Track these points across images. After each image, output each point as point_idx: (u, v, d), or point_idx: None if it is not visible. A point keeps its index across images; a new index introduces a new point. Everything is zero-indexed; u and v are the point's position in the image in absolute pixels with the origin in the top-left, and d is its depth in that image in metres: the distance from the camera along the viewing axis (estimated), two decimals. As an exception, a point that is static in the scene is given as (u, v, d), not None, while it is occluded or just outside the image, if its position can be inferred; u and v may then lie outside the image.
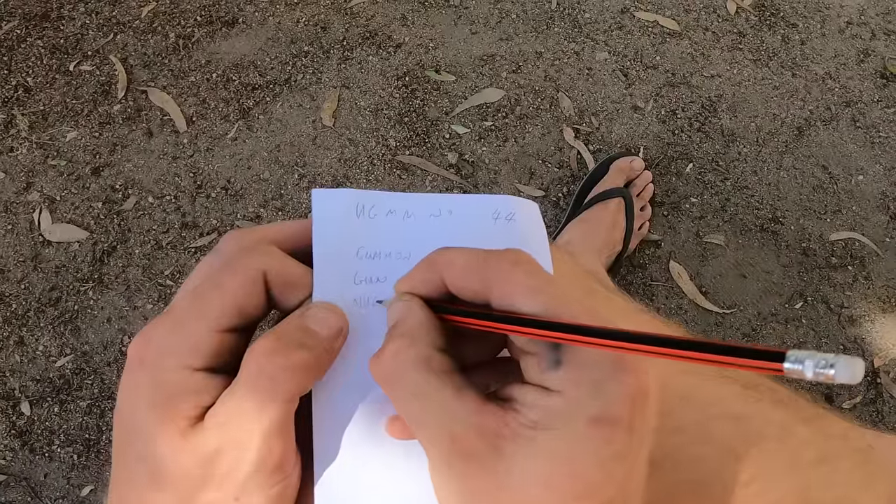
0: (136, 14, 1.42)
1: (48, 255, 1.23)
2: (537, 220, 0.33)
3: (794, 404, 0.37)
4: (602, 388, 0.23)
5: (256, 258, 0.28)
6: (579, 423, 0.23)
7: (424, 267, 0.28)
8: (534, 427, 0.23)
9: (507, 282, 0.25)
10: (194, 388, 0.25)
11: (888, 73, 1.34)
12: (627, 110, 1.31)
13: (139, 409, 0.25)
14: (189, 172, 1.27)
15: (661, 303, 1.18)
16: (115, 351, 1.16)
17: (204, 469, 0.24)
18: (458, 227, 0.32)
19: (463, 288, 0.27)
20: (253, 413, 0.24)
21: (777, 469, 0.33)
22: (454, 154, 1.27)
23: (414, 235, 0.31)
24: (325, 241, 0.30)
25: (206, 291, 0.27)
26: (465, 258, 0.27)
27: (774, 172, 1.26)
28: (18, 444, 1.12)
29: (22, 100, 1.35)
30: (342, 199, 0.31)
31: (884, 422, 1.12)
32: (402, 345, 0.26)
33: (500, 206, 0.32)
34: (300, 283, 0.28)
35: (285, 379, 0.25)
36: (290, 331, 0.26)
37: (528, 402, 0.24)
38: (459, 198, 0.32)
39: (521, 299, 0.25)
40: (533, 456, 0.23)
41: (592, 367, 0.23)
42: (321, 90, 1.33)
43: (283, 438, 0.25)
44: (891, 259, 1.20)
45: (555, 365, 0.24)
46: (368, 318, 0.29)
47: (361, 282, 0.30)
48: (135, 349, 0.26)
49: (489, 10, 1.40)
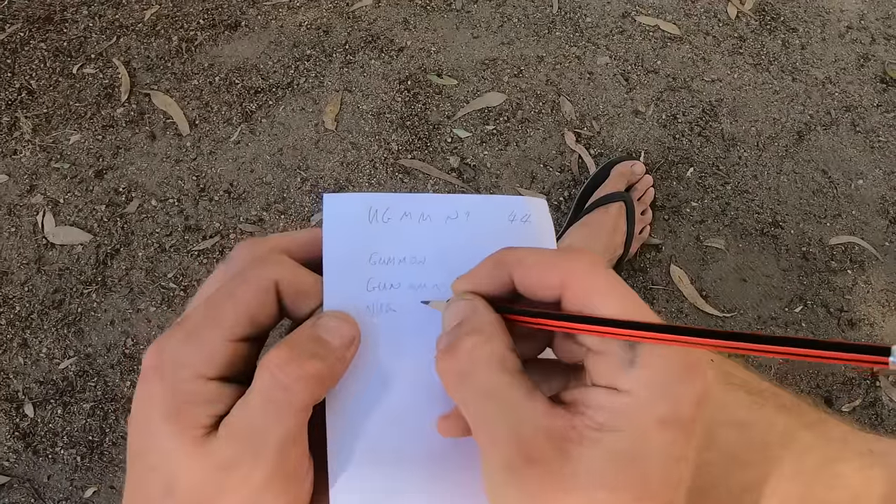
0: (139, 17, 1.43)
1: (51, 257, 1.23)
2: (547, 220, 0.33)
3: (798, 409, 0.37)
4: (672, 389, 0.23)
5: (268, 268, 0.28)
6: (647, 424, 0.23)
7: (491, 265, 0.28)
8: (600, 429, 0.23)
9: (586, 280, 0.25)
10: (208, 397, 0.25)
11: (888, 78, 1.34)
12: (628, 114, 1.31)
13: (153, 419, 0.25)
14: (192, 175, 1.28)
15: (662, 306, 1.19)
16: (118, 353, 1.17)
17: (218, 478, 0.25)
18: (476, 229, 0.31)
19: (535, 286, 0.27)
20: (267, 423, 0.25)
21: (780, 475, 0.33)
22: (456, 158, 1.27)
23: (429, 239, 0.30)
24: (337, 247, 0.30)
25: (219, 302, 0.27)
26: (538, 256, 0.27)
27: (774, 177, 1.27)
28: (22, 446, 1.12)
29: (25, 102, 1.35)
30: (354, 203, 0.30)
31: (883, 425, 1.13)
32: (479, 341, 0.26)
33: (515, 208, 0.32)
34: (312, 293, 0.29)
35: (299, 389, 0.25)
36: (303, 341, 0.27)
37: (595, 403, 0.24)
38: (476, 199, 0.32)
39: (599, 298, 0.25)
40: (599, 458, 0.23)
41: (665, 369, 0.24)
42: (324, 94, 1.34)
43: (296, 448, 0.26)
44: (890, 263, 1.21)
45: (628, 364, 0.24)
46: (381, 325, 0.29)
47: (374, 288, 0.30)
48: (149, 360, 0.26)
49: (491, 14, 1.41)
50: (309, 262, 0.30)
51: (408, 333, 0.29)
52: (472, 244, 0.29)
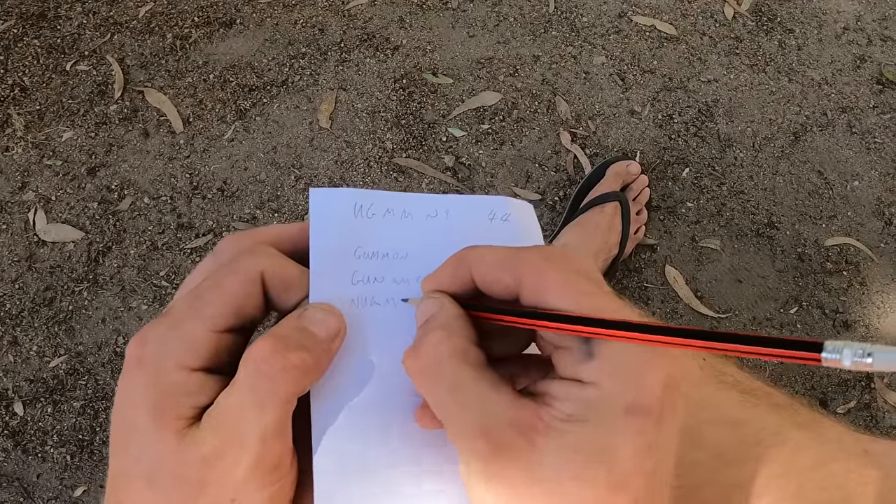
0: (133, 14, 1.42)
1: (43, 255, 1.22)
2: (532, 222, 0.33)
3: (791, 409, 0.37)
4: (634, 378, 0.23)
5: (254, 259, 0.28)
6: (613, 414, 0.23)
7: (453, 263, 0.28)
8: (567, 420, 0.23)
9: (539, 277, 0.25)
10: (191, 388, 0.25)
11: (884, 79, 1.34)
12: (624, 114, 1.31)
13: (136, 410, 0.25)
14: (185, 173, 1.27)
15: (657, 307, 1.18)
16: (109, 352, 1.16)
17: (200, 470, 0.24)
18: (455, 227, 0.32)
19: (493, 283, 0.27)
20: (251, 414, 0.24)
21: (772, 474, 0.33)
22: (451, 157, 1.27)
23: (411, 235, 0.31)
24: (323, 240, 0.30)
25: (205, 292, 0.27)
26: (496, 254, 0.27)
27: (770, 177, 1.27)
28: (11, 445, 1.11)
29: (18, 99, 1.34)
30: (340, 198, 0.31)
31: (878, 426, 1.12)
32: (441, 337, 0.26)
33: (495, 207, 0.32)
34: (297, 284, 0.29)
35: (284, 380, 0.25)
36: (289, 332, 0.26)
37: (562, 395, 0.24)
38: (456, 198, 0.32)
39: (552, 294, 0.25)
40: (566, 448, 0.23)
41: (625, 358, 0.24)
42: (318, 92, 1.33)
43: (280, 439, 0.25)
44: (885, 265, 1.21)
45: (587, 357, 0.24)
46: (366, 318, 0.29)
47: (359, 282, 0.30)
48: (132, 349, 0.26)
49: (487, 13, 1.40)
50: (295, 255, 0.30)
51: (391, 326, 0.30)
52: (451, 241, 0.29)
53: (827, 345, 0.18)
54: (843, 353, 0.18)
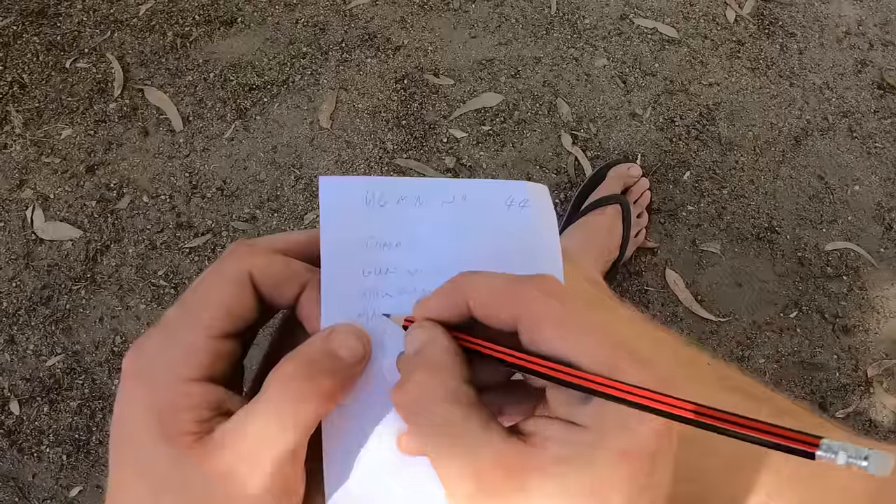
0: (133, 12, 1.41)
1: (40, 253, 1.21)
2: (548, 207, 0.32)
3: (795, 414, 0.36)
4: (630, 424, 0.23)
5: (241, 260, 0.27)
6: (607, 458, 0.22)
7: (447, 291, 0.27)
8: (559, 463, 0.23)
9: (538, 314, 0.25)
10: (191, 401, 0.25)
11: (885, 84, 1.34)
12: (625, 117, 1.31)
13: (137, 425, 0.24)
14: (185, 172, 1.27)
15: (657, 310, 1.18)
16: (106, 351, 1.15)
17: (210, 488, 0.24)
18: (472, 213, 0.31)
19: (490, 316, 0.26)
20: (272, 437, 0.24)
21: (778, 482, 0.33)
22: (451, 158, 1.26)
23: (425, 223, 0.30)
24: (333, 230, 0.29)
25: (194, 299, 0.27)
26: (492, 283, 0.26)
27: (771, 181, 1.26)
28: (7, 444, 1.11)
29: (17, 96, 1.34)
30: (350, 186, 0.30)
31: (877, 431, 1.12)
32: (428, 375, 0.25)
33: (513, 192, 0.31)
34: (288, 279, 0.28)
35: (310, 406, 0.25)
36: (318, 356, 0.26)
37: (554, 436, 0.23)
38: (473, 183, 0.31)
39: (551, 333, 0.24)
40: (558, 493, 0.22)
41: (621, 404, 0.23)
42: (319, 92, 1.33)
43: (294, 464, 0.25)
44: (885, 270, 1.21)
45: (584, 399, 0.24)
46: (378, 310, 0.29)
47: (370, 273, 0.29)
48: (129, 362, 0.25)
49: (489, 14, 1.40)
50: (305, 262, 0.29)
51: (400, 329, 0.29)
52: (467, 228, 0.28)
53: (823, 443, 0.18)
54: (838, 455, 0.18)
